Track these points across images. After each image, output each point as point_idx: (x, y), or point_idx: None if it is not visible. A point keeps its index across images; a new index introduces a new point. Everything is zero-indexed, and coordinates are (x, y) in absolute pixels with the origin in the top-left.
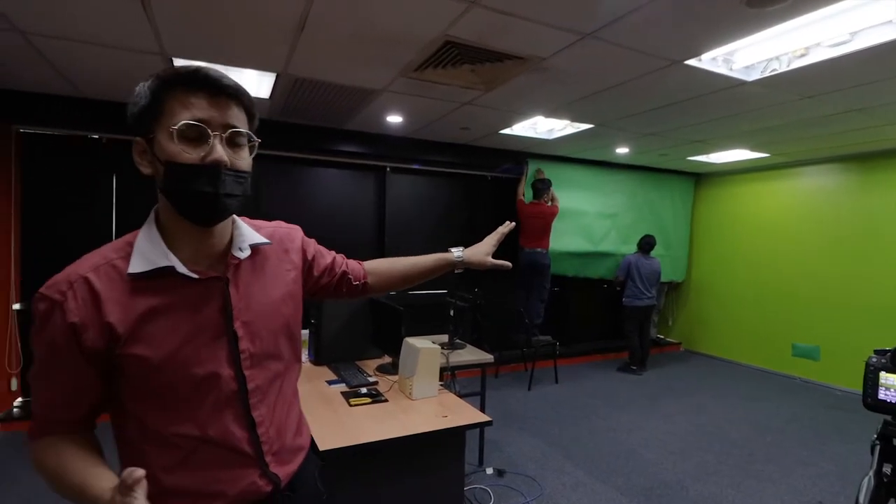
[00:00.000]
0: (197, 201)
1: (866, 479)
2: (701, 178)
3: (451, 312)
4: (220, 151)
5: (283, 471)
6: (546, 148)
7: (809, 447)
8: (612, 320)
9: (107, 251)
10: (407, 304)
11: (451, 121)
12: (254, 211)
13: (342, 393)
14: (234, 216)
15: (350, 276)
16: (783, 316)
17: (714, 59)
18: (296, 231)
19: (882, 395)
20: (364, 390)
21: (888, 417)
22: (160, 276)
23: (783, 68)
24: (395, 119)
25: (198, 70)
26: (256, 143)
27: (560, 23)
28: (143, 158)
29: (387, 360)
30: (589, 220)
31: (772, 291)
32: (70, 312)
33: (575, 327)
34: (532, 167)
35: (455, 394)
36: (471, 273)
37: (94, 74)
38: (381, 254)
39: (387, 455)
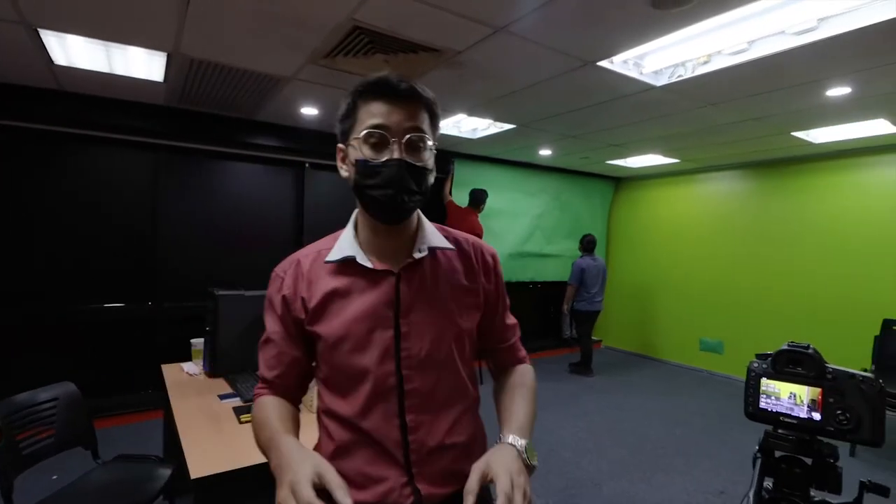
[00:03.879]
0: (378, 198)
1: (744, 501)
2: (620, 182)
3: None
4: (397, 154)
5: (430, 490)
6: (470, 147)
7: (714, 437)
8: (539, 321)
9: (322, 241)
10: None
11: None
12: (160, 203)
13: (234, 408)
14: (424, 220)
15: (497, 359)
16: (693, 313)
17: (625, 61)
18: (493, 252)
19: (763, 403)
20: None
21: (769, 428)
22: (346, 265)
23: (688, 74)
24: (309, 111)
25: (378, 79)
26: (435, 145)
27: (471, 13)
28: (344, 163)
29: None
30: (513, 222)
31: (682, 290)
32: (285, 287)
33: None
34: (458, 167)
35: None
36: None
37: None
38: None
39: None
